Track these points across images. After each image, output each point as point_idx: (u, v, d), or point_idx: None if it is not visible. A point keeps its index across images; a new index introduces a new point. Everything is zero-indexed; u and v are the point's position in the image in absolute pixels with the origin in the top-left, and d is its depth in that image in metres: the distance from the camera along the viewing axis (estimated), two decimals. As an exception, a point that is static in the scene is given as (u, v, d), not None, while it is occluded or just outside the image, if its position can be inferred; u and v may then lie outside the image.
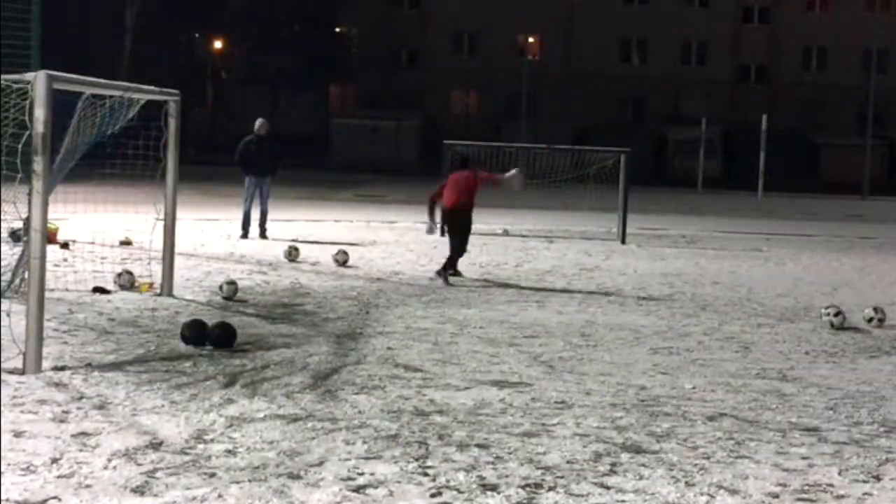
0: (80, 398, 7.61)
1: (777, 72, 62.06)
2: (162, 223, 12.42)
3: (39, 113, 8.43)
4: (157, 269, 12.81)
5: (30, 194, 8.70)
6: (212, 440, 6.72)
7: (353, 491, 5.89)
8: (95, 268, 14.02)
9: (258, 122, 19.99)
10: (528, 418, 7.55)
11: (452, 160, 16.46)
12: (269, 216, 19.88)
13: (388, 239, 20.69)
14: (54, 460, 6.19)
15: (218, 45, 58.94)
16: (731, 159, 53.44)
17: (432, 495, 5.89)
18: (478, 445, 6.82)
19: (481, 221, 23.49)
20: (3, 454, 6.17)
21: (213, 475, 6.05)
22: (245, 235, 19.41)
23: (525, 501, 5.87)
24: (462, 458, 6.55)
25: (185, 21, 54.00)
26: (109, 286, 12.68)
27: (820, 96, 59.69)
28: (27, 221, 9.39)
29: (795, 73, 61.45)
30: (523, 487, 6.06)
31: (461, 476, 6.20)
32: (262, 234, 19.49)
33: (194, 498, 5.68)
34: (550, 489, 6.05)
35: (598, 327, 11.58)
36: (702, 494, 6.06)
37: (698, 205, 36.17)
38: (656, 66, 61.27)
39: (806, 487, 6.26)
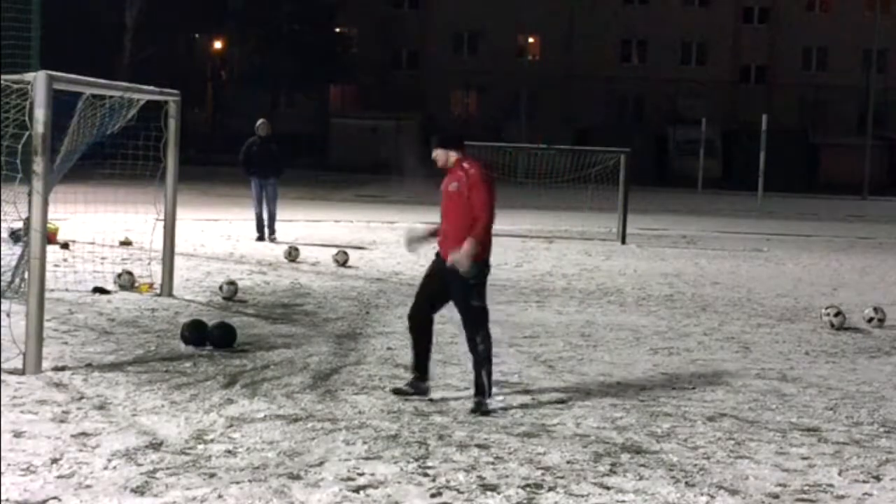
0: (80, 398, 7.61)
1: (777, 72, 62.05)
2: (162, 223, 12.41)
3: (39, 113, 8.43)
4: (157, 270, 12.80)
5: (30, 194, 8.70)
6: (212, 440, 6.72)
7: (353, 491, 5.89)
8: (95, 268, 14.00)
9: (258, 123, 19.72)
10: (528, 418, 7.55)
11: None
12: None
13: (389, 239, 20.67)
14: (54, 460, 6.19)
15: (218, 45, 58.94)
16: (731, 159, 53.45)
17: (432, 495, 5.89)
18: (478, 445, 6.82)
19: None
20: (3, 454, 6.17)
21: (213, 475, 6.05)
22: (261, 238, 19.16)
23: (525, 501, 5.87)
24: (462, 458, 6.55)
25: (185, 21, 53.98)
26: (109, 286, 12.68)
27: (820, 96, 59.69)
28: (27, 221, 9.39)
29: (795, 73, 61.43)
30: (523, 487, 6.06)
31: (461, 476, 6.20)
32: (270, 237, 19.24)
33: (194, 498, 5.68)
34: (550, 489, 6.05)
35: (598, 327, 11.58)
36: (702, 495, 6.06)
37: (698, 205, 36.17)
38: (656, 66, 61.26)
39: (806, 487, 6.26)
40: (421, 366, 8.08)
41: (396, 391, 8.02)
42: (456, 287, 7.87)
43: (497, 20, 60.45)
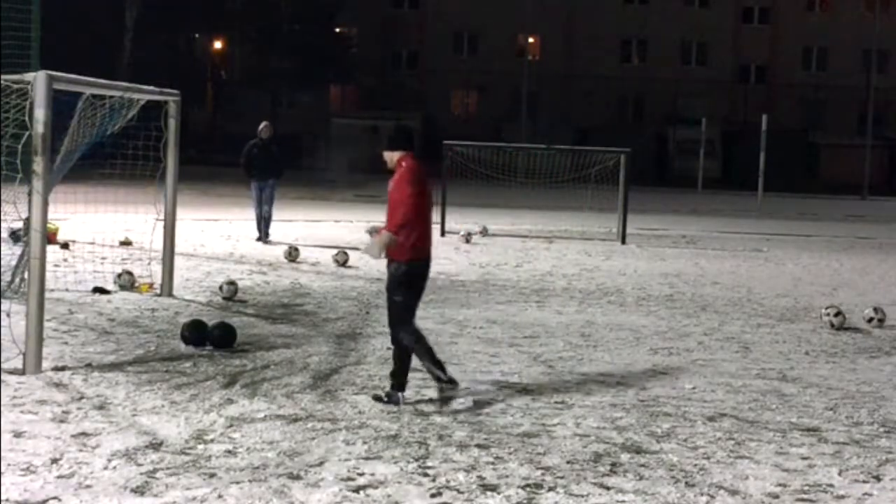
0: (80, 398, 7.61)
1: (777, 72, 62.05)
2: (162, 223, 12.42)
3: (39, 113, 8.43)
4: (157, 269, 12.81)
5: (30, 194, 8.71)
6: (212, 440, 6.72)
7: (353, 491, 5.89)
8: (95, 268, 14.01)
9: (261, 126, 19.54)
10: (528, 418, 7.55)
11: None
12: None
13: (388, 239, 20.64)
14: (54, 460, 6.19)
15: (218, 45, 58.94)
16: (731, 159, 53.45)
17: (432, 495, 5.89)
18: (478, 445, 6.82)
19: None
20: (3, 454, 6.17)
21: (213, 475, 6.05)
22: (261, 238, 19.05)
23: (525, 501, 5.87)
24: (462, 458, 6.55)
25: (185, 21, 53.99)
26: (109, 286, 12.68)
27: (820, 96, 59.70)
28: (27, 221, 9.39)
29: (795, 73, 61.44)
30: (523, 487, 6.06)
31: (461, 476, 6.20)
32: (264, 239, 19.08)
33: (194, 498, 5.68)
34: (550, 489, 6.05)
35: (598, 327, 11.58)
36: (702, 495, 6.06)
37: (698, 205, 36.18)
38: (656, 66, 61.25)
39: (806, 487, 6.26)
40: (402, 375, 7.93)
41: (376, 398, 7.91)
42: (386, 280, 7.95)
43: (497, 20, 60.46)
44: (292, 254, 16.53)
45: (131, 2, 49.66)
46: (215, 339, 9.55)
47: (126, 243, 16.90)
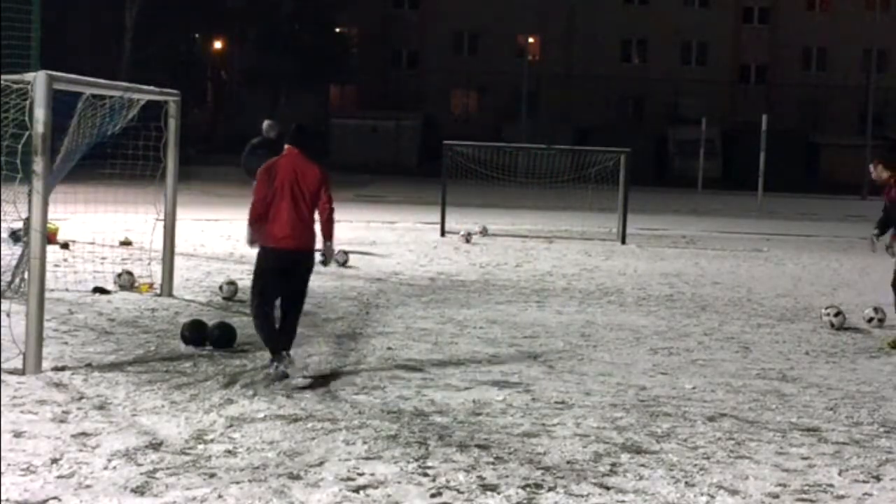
0: (80, 398, 7.61)
1: (777, 72, 62.06)
2: (162, 223, 12.42)
3: (39, 113, 8.43)
4: (157, 270, 12.81)
5: (30, 194, 8.71)
6: (212, 440, 6.72)
7: (353, 491, 5.89)
8: (95, 268, 14.02)
9: (266, 124, 18.96)
10: (528, 418, 7.55)
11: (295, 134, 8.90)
12: None
13: (388, 239, 20.68)
14: (54, 460, 6.19)
15: (218, 45, 58.96)
16: (731, 159, 53.45)
17: (432, 495, 5.89)
18: (478, 445, 6.82)
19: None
20: (3, 454, 6.17)
21: (213, 475, 6.05)
22: None
23: (525, 501, 5.87)
24: (462, 458, 6.55)
25: (185, 21, 54.00)
26: (109, 286, 12.68)
27: (820, 96, 59.70)
28: (27, 221, 9.39)
29: (795, 73, 61.45)
30: (523, 487, 6.06)
31: (461, 476, 6.20)
32: None
33: (194, 498, 5.68)
34: (550, 489, 6.05)
35: (598, 327, 11.58)
36: (702, 495, 6.06)
37: (698, 205, 36.18)
38: (656, 66, 61.29)
39: (806, 487, 6.26)
40: (269, 342, 8.69)
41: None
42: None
43: (497, 20, 60.48)
44: (292, 254, 16.49)
45: (131, 2, 49.66)
46: (215, 339, 9.56)
47: (126, 243, 16.90)
